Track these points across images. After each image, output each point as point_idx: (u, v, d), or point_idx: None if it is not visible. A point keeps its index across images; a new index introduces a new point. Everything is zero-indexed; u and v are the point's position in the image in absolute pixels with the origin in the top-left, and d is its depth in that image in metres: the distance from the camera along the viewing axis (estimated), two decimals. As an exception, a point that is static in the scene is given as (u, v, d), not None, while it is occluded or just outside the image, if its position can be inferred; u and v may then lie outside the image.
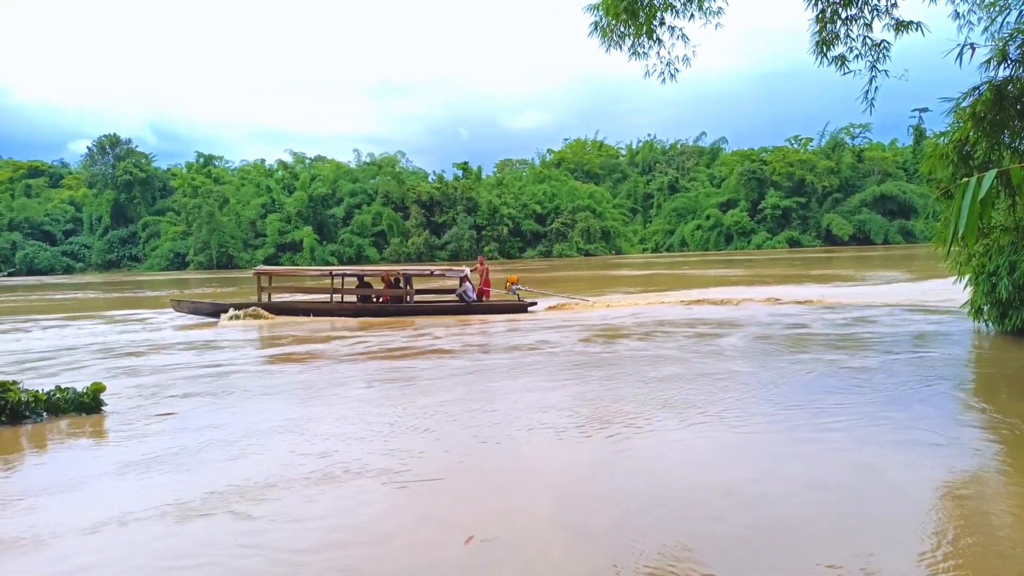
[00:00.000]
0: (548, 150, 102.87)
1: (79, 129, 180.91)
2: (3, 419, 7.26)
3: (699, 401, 7.20)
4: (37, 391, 7.51)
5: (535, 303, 18.17)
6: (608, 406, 7.11)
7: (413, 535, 4.12)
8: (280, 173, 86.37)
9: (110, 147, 79.90)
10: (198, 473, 5.44)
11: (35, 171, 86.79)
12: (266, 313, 17.21)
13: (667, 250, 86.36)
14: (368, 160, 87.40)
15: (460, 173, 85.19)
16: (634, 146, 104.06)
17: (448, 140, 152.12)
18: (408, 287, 17.76)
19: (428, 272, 18.70)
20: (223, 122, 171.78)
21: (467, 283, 17.72)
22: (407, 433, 6.37)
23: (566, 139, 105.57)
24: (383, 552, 3.91)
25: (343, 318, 16.97)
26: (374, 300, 17.98)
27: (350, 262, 74.18)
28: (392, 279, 18.22)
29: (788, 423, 6.28)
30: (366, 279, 18.67)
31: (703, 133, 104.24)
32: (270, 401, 8.10)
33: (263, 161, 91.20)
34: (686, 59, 8.33)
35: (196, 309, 18.23)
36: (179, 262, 73.62)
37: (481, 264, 19.11)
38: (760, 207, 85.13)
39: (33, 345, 14.23)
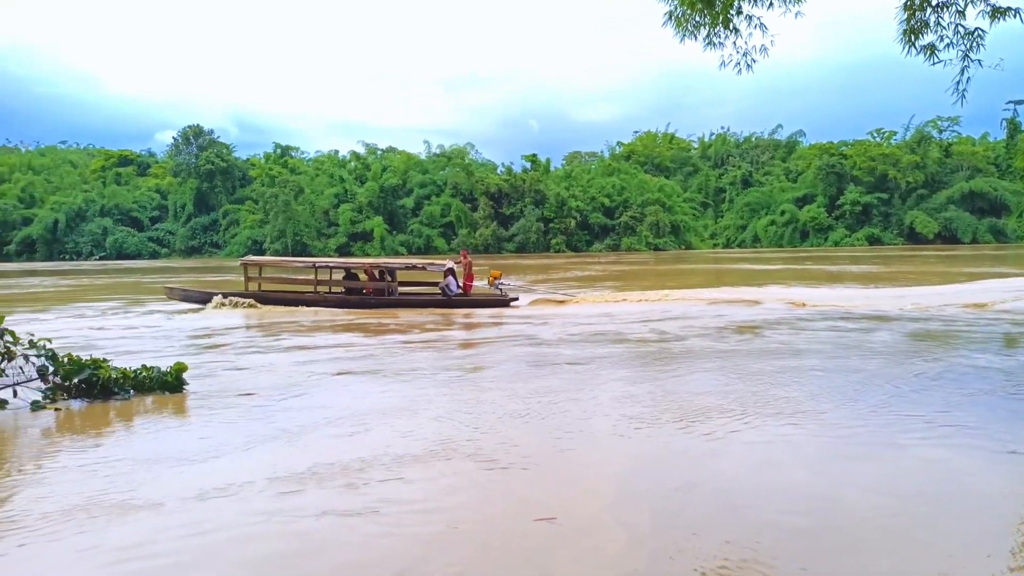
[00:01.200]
0: (618, 142, 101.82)
1: (166, 120, 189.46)
2: (96, 395, 7.71)
3: (779, 399, 7.05)
4: (126, 369, 7.93)
5: (516, 298, 18.44)
6: (690, 401, 7.04)
7: (487, 511, 4.22)
8: (353, 164, 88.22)
9: (194, 137, 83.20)
10: (286, 449, 5.67)
11: (125, 160, 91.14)
12: (252, 302, 17.75)
13: (738, 246, 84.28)
14: (438, 152, 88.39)
15: (529, 165, 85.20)
16: (706, 139, 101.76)
17: (518, 132, 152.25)
18: (391, 280, 18.20)
19: (412, 266, 19.05)
20: (300, 114, 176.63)
21: (450, 277, 18.01)
22: (482, 418, 6.46)
23: (636, 131, 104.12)
24: (459, 527, 4.00)
25: (329, 308, 17.41)
26: (362, 292, 18.33)
27: (419, 252, 75.29)
28: (376, 272, 18.59)
29: (862, 425, 6.08)
30: (353, 271, 19.13)
31: (779, 126, 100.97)
32: (337, 384, 8.35)
33: (337, 152, 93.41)
34: (764, 49, 8.12)
35: (186, 297, 18.72)
36: (256, 249, 76.15)
37: (464, 258, 19.25)
38: (839, 203, 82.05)
39: (115, 323, 15.03)
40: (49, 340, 7.71)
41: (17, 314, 16.81)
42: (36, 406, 7.27)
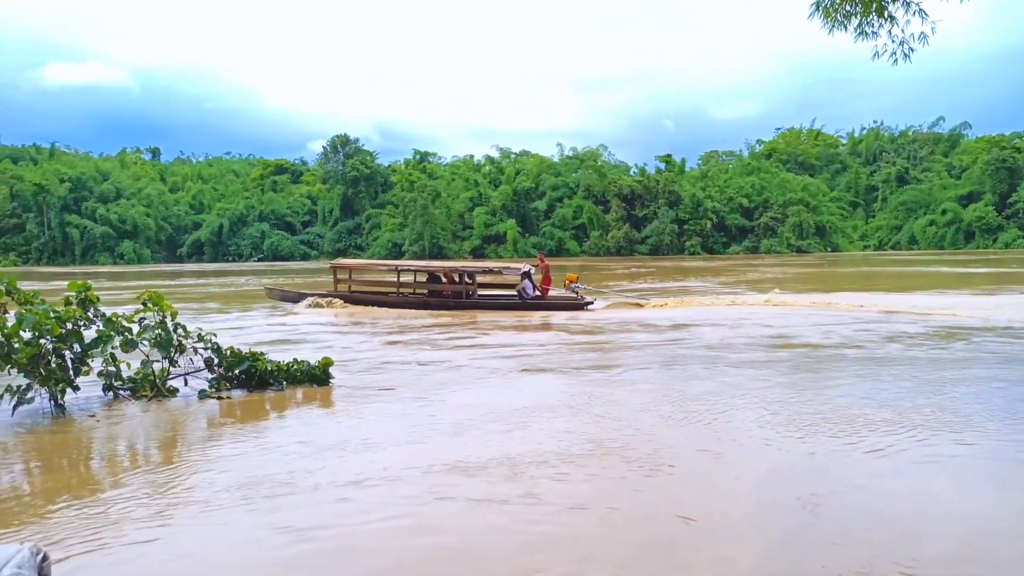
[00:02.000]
0: (758, 140, 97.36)
1: (317, 130, 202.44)
2: (253, 385, 8.37)
3: (940, 411, 6.52)
4: (279, 362, 8.55)
5: (592, 301, 18.50)
6: (842, 410, 6.69)
7: (633, 509, 4.23)
8: (487, 168, 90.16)
9: (341, 146, 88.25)
10: (436, 441, 5.93)
11: (280, 168, 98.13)
12: (340, 302, 18.78)
13: (892, 247, 78.23)
14: (570, 154, 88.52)
15: (663, 166, 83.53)
16: (856, 134, 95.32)
17: (652, 133, 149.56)
18: (470, 283, 18.79)
19: (489, 270, 19.72)
20: (439, 122, 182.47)
21: (527, 280, 18.35)
22: (631, 419, 6.44)
23: (778, 128, 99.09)
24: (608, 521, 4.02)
25: (409, 310, 18.15)
26: (441, 294, 18.99)
27: (550, 255, 75.80)
28: (455, 276, 19.26)
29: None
30: (435, 274, 19.83)
31: (940, 118, 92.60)
32: (469, 382, 8.58)
33: (472, 157, 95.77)
34: (923, 37, 7.53)
35: (284, 296, 20.19)
36: (396, 251, 79.59)
37: (542, 261, 19.54)
38: (1010, 200, 74.26)
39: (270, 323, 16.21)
40: (214, 334, 8.46)
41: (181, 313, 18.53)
42: (203, 395, 8.00)
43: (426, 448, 5.77)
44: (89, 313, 7.72)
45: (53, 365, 7.30)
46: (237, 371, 8.32)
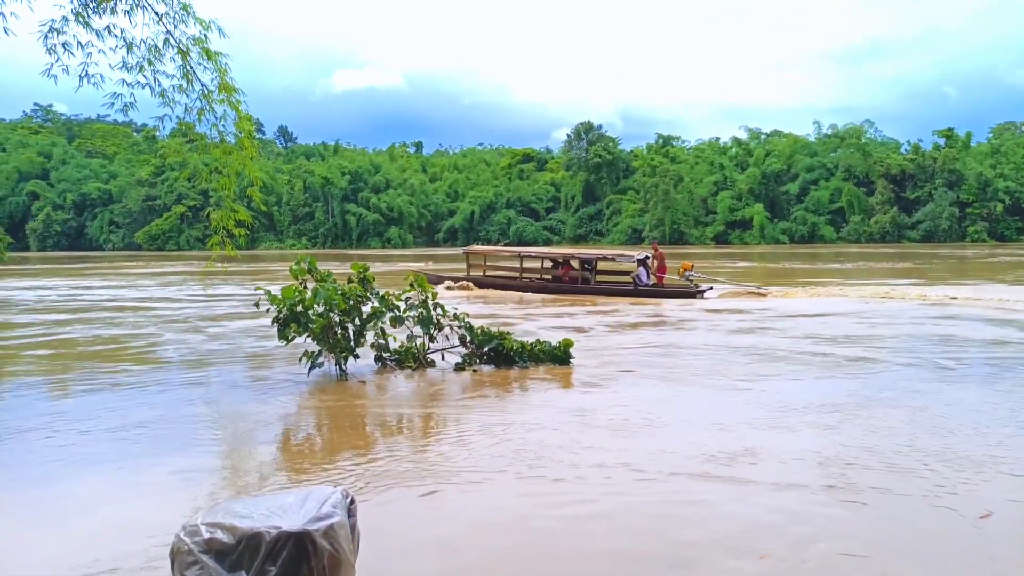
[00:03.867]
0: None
1: (562, 119, 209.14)
2: (500, 362, 9.06)
3: None
4: (524, 341, 9.15)
5: (710, 288, 19.17)
6: None
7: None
8: (734, 150, 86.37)
9: (584, 133, 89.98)
10: (705, 430, 6.08)
11: (527, 157, 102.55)
12: (472, 285, 20.73)
13: None
14: (829, 132, 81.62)
15: (942, 141, 73.83)
16: None
17: (929, 104, 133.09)
18: (590, 269, 19.87)
19: (604, 257, 20.61)
20: (683, 104, 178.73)
21: (642, 267, 19.13)
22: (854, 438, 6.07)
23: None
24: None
25: (530, 293, 19.47)
26: (561, 280, 20.23)
27: (801, 241, 70.79)
28: (574, 262, 20.42)
29: None
30: (559, 260, 21.05)
31: None
32: (719, 368, 8.48)
33: (717, 139, 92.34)
34: None
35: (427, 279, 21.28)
36: (636, 237, 79.45)
37: (656, 250, 20.14)
38: None
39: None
40: (467, 314, 9.27)
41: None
42: (458, 367, 8.85)
43: (686, 435, 5.87)
44: (367, 291, 8.88)
45: (339, 335, 8.53)
46: (486, 348, 9.06)
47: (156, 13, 7.39)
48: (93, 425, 6.34)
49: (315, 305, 8.37)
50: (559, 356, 9.00)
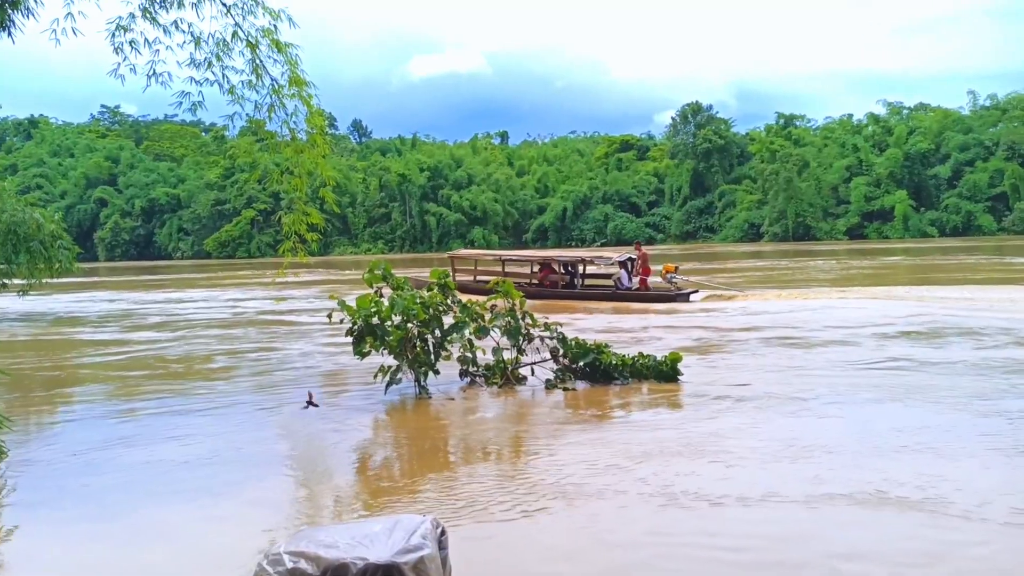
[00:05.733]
0: None
1: (666, 100, 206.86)
2: (597, 378, 9.01)
3: None
4: (624, 355, 9.07)
5: (695, 291, 19.63)
6: None
7: None
8: (870, 128, 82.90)
9: (692, 116, 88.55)
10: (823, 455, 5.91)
11: (625, 145, 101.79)
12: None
13: None
14: (987, 103, 77.28)
15: None
16: None
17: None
18: (575, 273, 20.68)
19: (581, 260, 21.22)
20: (810, 75, 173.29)
21: (622, 270, 19.48)
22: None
23: None
24: None
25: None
26: (543, 284, 20.90)
27: (954, 233, 67.18)
28: (556, 265, 21.09)
29: None
30: (543, 264, 21.72)
31: None
32: (840, 389, 8.16)
33: (850, 116, 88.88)
34: None
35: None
36: (753, 233, 77.50)
37: (638, 250, 20.41)
38: None
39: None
40: (559, 324, 9.27)
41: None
42: (550, 385, 8.86)
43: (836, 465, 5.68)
44: (448, 300, 9.02)
45: (418, 348, 8.70)
46: (581, 363, 9.02)
47: (224, 4, 7.75)
48: (163, 454, 6.67)
49: (392, 316, 8.56)
50: (665, 372, 8.87)
